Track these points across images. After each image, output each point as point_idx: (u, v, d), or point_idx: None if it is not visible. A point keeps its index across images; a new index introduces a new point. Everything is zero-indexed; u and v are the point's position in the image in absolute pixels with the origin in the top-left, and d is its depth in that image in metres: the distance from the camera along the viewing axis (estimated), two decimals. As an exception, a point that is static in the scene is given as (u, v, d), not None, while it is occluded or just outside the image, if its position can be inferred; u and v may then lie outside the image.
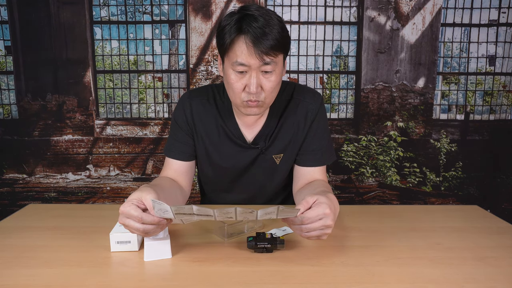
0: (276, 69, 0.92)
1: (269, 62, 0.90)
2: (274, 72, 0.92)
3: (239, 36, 0.89)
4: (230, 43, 0.90)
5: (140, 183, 2.30)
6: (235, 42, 0.90)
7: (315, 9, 2.18)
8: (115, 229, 0.81)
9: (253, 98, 0.92)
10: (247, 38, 0.88)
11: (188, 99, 1.07)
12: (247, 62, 0.89)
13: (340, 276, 0.71)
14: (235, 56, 0.90)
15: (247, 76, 0.91)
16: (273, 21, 0.90)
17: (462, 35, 2.22)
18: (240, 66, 0.90)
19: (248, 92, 0.92)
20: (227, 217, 0.74)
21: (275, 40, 0.88)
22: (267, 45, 0.87)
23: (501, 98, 2.27)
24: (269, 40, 0.87)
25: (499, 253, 0.81)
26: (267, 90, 0.93)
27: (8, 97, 2.21)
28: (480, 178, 2.32)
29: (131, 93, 2.24)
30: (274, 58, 0.90)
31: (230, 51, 0.91)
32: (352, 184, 2.31)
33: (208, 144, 1.07)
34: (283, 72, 1.00)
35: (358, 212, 1.06)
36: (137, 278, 0.70)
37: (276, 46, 0.89)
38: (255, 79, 0.90)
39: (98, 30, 2.17)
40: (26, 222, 0.97)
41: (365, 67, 2.22)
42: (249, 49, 0.88)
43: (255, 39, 0.87)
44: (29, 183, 2.28)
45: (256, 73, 0.90)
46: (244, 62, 0.89)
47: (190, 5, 2.15)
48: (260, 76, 0.91)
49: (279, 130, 1.05)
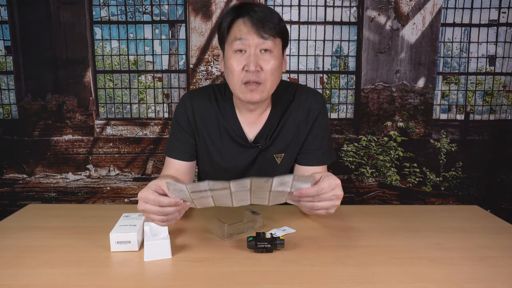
0: (274, 51, 0.95)
1: (267, 38, 0.92)
2: (273, 54, 0.94)
3: (238, 19, 0.94)
4: (229, 26, 0.94)
5: (140, 183, 2.30)
6: (233, 24, 0.94)
7: (315, 9, 2.19)
8: (115, 229, 0.81)
9: (253, 78, 0.93)
10: (246, 19, 0.92)
11: (189, 99, 1.07)
12: (246, 37, 0.92)
13: (340, 276, 0.71)
14: (234, 35, 0.94)
15: (246, 55, 0.93)
16: (272, 11, 0.95)
17: (462, 35, 2.22)
18: (238, 42, 0.93)
19: (247, 71, 0.93)
20: (242, 187, 0.74)
21: (273, 23, 0.92)
22: (265, 24, 0.91)
23: (501, 98, 2.27)
24: (267, 21, 0.92)
25: (499, 253, 0.81)
26: (266, 71, 0.94)
27: (8, 97, 2.21)
28: (480, 178, 2.32)
29: (131, 93, 2.24)
30: (272, 37, 0.93)
31: (229, 34, 0.95)
32: (352, 184, 2.31)
33: (210, 143, 1.07)
34: (283, 66, 1.01)
35: (358, 212, 1.06)
36: (137, 278, 0.70)
37: (274, 27, 0.92)
38: (253, 56, 0.92)
39: (98, 30, 2.17)
40: (26, 222, 0.97)
41: (365, 67, 2.22)
42: (247, 27, 0.92)
43: (254, 19, 0.91)
44: (29, 183, 2.28)
45: (254, 51, 0.93)
46: (242, 37, 0.92)
47: (190, 5, 2.15)
48: (258, 55, 0.94)
49: (281, 129, 1.06)
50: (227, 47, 0.97)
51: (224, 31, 0.96)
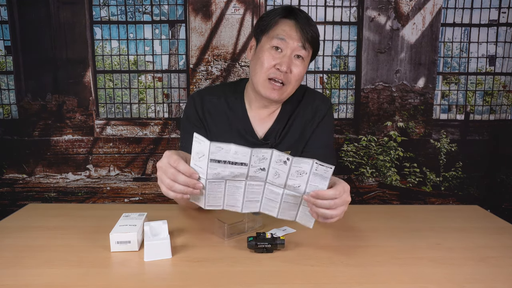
0: (306, 59, 1.00)
1: (306, 48, 0.97)
2: (303, 62, 0.99)
3: (285, 19, 0.98)
4: (275, 22, 0.98)
5: (140, 183, 2.30)
6: (279, 22, 0.98)
7: (315, 9, 2.18)
8: (115, 229, 0.81)
9: (281, 77, 0.97)
10: (293, 21, 0.97)
11: (198, 95, 1.09)
12: (288, 39, 0.96)
13: (340, 276, 0.70)
14: (277, 32, 0.97)
15: (281, 55, 0.97)
16: (315, 24, 1.01)
17: (462, 35, 2.22)
18: (279, 40, 0.96)
19: (278, 70, 0.97)
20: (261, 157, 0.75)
21: (315, 32, 0.98)
22: (309, 31, 0.96)
23: (501, 98, 2.27)
24: (311, 30, 0.97)
25: (500, 253, 0.81)
26: (294, 74, 0.98)
27: (8, 97, 2.21)
28: (480, 178, 2.31)
29: (131, 93, 2.24)
30: (309, 47, 0.98)
31: (272, 29, 0.98)
32: (352, 184, 2.31)
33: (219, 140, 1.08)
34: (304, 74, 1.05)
35: (358, 212, 1.06)
36: (137, 278, 0.70)
37: (314, 38, 0.98)
38: (288, 58, 0.97)
39: (98, 30, 2.17)
40: (26, 222, 0.97)
41: (365, 67, 2.22)
42: (292, 29, 0.96)
43: (300, 23, 0.96)
44: (29, 183, 2.28)
45: (290, 53, 0.97)
46: (285, 38, 0.96)
47: (190, 5, 2.15)
48: (292, 58, 0.98)
49: (290, 127, 1.09)
50: (264, 40, 0.99)
51: (268, 24, 0.99)
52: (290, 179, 0.77)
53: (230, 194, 0.80)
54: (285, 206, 0.81)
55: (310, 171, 0.76)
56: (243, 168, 0.76)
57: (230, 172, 0.76)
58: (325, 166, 0.76)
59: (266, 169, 0.77)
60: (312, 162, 0.75)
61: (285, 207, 0.81)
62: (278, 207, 0.82)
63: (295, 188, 0.78)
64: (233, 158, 0.74)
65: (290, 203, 0.81)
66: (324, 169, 0.76)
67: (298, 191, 0.79)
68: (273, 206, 0.81)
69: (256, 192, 0.80)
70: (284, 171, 0.76)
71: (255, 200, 0.81)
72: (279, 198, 0.80)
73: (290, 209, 0.82)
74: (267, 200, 0.81)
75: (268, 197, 0.80)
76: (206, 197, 0.79)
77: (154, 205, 1.46)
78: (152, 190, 2.31)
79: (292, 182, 0.77)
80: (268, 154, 0.75)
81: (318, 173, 0.76)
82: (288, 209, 0.82)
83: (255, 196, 0.80)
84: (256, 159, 0.75)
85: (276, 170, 0.77)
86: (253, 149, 0.74)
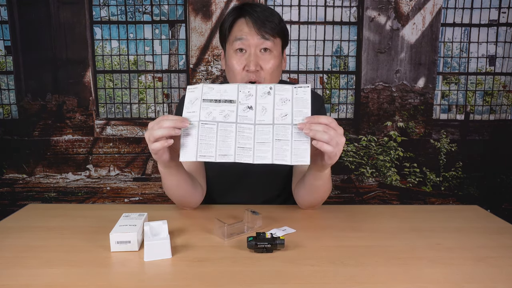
0: (274, 51, 0.97)
1: (268, 38, 0.95)
2: (273, 54, 0.97)
3: (239, 19, 0.96)
4: (231, 26, 0.97)
5: (140, 183, 2.30)
6: (235, 24, 0.97)
7: (315, 9, 2.18)
8: (115, 229, 0.81)
9: (253, 78, 0.96)
10: (247, 19, 0.95)
11: None
12: (246, 37, 0.94)
13: (340, 276, 0.70)
14: (235, 35, 0.96)
15: (246, 55, 0.95)
16: (273, 11, 0.98)
17: (462, 35, 2.22)
18: (239, 42, 0.95)
19: (247, 71, 0.95)
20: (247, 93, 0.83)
21: (273, 22, 0.95)
22: (266, 24, 0.94)
23: (501, 98, 2.27)
24: (268, 21, 0.94)
25: (499, 253, 0.81)
26: (266, 70, 0.96)
27: (8, 97, 2.21)
28: (480, 178, 2.31)
29: (131, 93, 2.24)
30: (272, 37, 0.95)
31: (230, 33, 0.97)
32: (352, 184, 2.31)
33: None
34: (283, 64, 1.02)
35: (358, 212, 1.06)
36: (137, 278, 0.70)
37: (274, 27, 0.95)
38: (253, 56, 0.95)
39: (98, 30, 2.17)
40: (26, 222, 0.97)
41: (365, 67, 2.22)
42: (249, 26, 0.94)
43: (255, 19, 0.94)
44: (29, 183, 2.28)
45: (254, 51, 0.95)
46: (243, 37, 0.94)
47: (190, 5, 2.15)
48: (258, 54, 0.96)
49: None
50: (228, 47, 0.98)
51: (225, 31, 0.98)
52: (276, 109, 0.82)
53: (222, 140, 0.82)
54: (277, 145, 0.82)
55: (292, 97, 0.82)
56: (232, 105, 0.82)
57: (220, 111, 0.82)
58: (302, 87, 0.83)
59: (254, 107, 0.82)
60: (292, 88, 0.83)
61: (278, 147, 0.82)
62: (271, 149, 0.82)
63: (283, 119, 0.82)
64: (223, 96, 0.83)
65: (282, 141, 0.82)
66: (302, 90, 0.82)
67: (286, 121, 0.82)
68: (266, 150, 0.82)
69: (248, 137, 0.82)
70: (269, 103, 0.82)
71: (247, 147, 0.82)
72: (270, 136, 0.82)
73: (283, 148, 0.82)
74: (259, 145, 0.82)
75: (260, 140, 0.82)
76: (198, 145, 0.82)
77: (154, 205, 1.46)
78: (152, 190, 2.31)
79: (279, 112, 0.82)
80: (253, 89, 0.83)
81: (299, 96, 0.82)
82: (281, 149, 0.82)
83: (246, 142, 0.82)
84: (243, 96, 0.82)
85: (262, 105, 0.83)
86: (239, 84, 0.84)
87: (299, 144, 0.82)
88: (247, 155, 0.82)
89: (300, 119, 0.82)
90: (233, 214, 0.98)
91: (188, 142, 0.83)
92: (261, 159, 0.82)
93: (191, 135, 0.82)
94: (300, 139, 0.81)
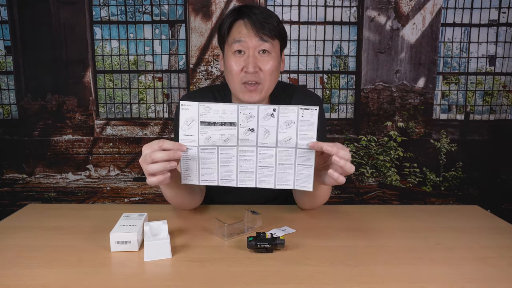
0: (273, 52, 0.97)
1: (266, 40, 0.95)
2: (271, 56, 0.97)
3: (238, 20, 0.96)
4: (229, 28, 0.97)
5: (140, 183, 2.30)
6: (233, 26, 0.97)
7: (315, 9, 2.18)
8: (115, 229, 0.81)
9: (252, 79, 0.95)
10: (246, 21, 0.95)
11: (187, 98, 1.08)
12: (245, 39, 0.94)
13: (340, 276, 0.71)
14: (234, 36, 0.96)
15: (245, 57, 0.96)
16: (271, 13, 0.98)
17: (462, 35, 2.22)
18: (238, 44, 0.95)
19: (246, 72, 0.95)
20: (248, 115, 0.78)
21: (272, 24, 0.95)
22: (264, 26, 0.94)
23: (501, 98, 2.27)
24: (267, 23, 0.94)
25: (499, 253, 0.81)
26: (265, 71, 0.96)
27: (8, 97, 2.21)
28: (480, 178, 2.31)
29: (131, 93, 2.24)
30: (271, 39, 0.95)
31: (229, 35, 0.97)
32: (352, 184, 2.31)
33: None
34: (281, 66, 1.03)
35: (358, 212, 1.06)
36: (137, 278, 0.70)
37: (273, 29, 0.95)
38: (252, 58, 0.95)
39: (98, 30, 2.17)
40: (26, 222, 0.97)
41: (365, 67, 2.22)
42: (247, 28, 0.94)
43: (253, 21, 0.94)
44: (29, 183, 2.28)
45: (253, 52, 0.95)
46: (242, 39, 0.94)
47: (190, 5, 2.15)
48: (257, 56, 0.96)
49: None
50: (226, 48, 0.98)
51: (224, 32, 0.98)
52: (280, 132, 0.79)
53: (224, 164, 0.81)
54: (280, 170, 0.81)
55: (297, 119, 0.77)
56: (232, 129, 0.78)
57: (220, 135, 0.79)
58: (310, 109, 0.77)
59: (256, 129, 0.79)
60: (297, 109, 0.77)
61: (281, 172, 0.81)
62: (274, 174, 0.82)
63: (287, 142, 0.79)
64: (222, 118, 0.78)
65: (285, 165, 0.81)
66: (309, 113, 0.77)
67: (290, 144, 0.79)
68: (269, 175, 0.81)
69: (249, 160, 0.81)
70: (273, 125, 0.78)
71: (249, 171, 0.81)
72: (273, 161, 0.81)
73: (286, 172, 0.81)
74: (261, 169, 0.81)
75: (262, 164, 0.81)
76: (199, 170, 0.81)
77: (154, 205, 1.46)
78: (152, 190, 2.31)
79: (283, 136, 0.79)
80: (255, 110, 0.78)
81: (305, 118, 0.77)
82: (284, 174, 0.81)
83: (249, 166, 0.81)
84: (243, 117, 0.78)
85: (265, 128, 0.79)
86: (240, 105, 0.78)
87: (303, 169, 0.81)
88: (249, 179, 0.82)
89: (305, 144, 0.79)
90: (233, 214, 0.98)
91: (190, 165, 0.82)
92: (264, 184, 0.82)
93: (191, 159, 0.82)
94: (303, 163, 0.80)
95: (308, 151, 0.80)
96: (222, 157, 0.80)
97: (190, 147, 0.81)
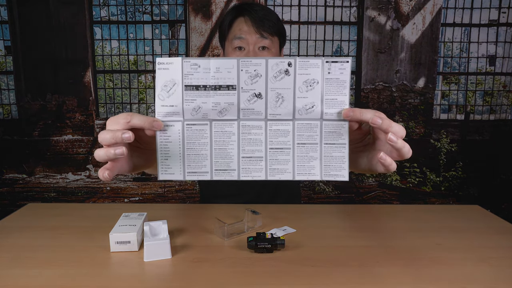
0: (272, 49, 0.99)
1: (266, 37, 0.97)
2: (271, 52, 0.99)
3: (238, 18, 0.99)
4: (230, 25, 0.99)
5: (140, 183, 2.30)
6: (234, 23, 0.99)
7: (315, 9, 2.18)
8: (115, 229, 0.81)
9: None
10: (246, 17, 0.97)
11: None
12: (245, 36, 0.96)
13: (340, 276, 0.70)
14: (234, 33, 0.98)
15: (245, 53, 0.98)
16: (271, 11, 1.00)
17: (462, 35, 2.22)
18: (238, 40, 0.97)
19: None
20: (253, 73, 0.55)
21: (271, 21, 0.97)
22: (264, 22, 0.96)
23: (501, 98, 2.27)
24: (267, 20, 0.96)
25: (500, 253, 0.80)
26: None
27: (8, 97, 2.21)
28: (480, 178, 2.31)
29: (131, 93, 2.24)
30: (270, 36, 0.97)
31: (229, 32, 0.99)
32: (352, 184, 2.31)
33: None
34: None
35: (358, 212, 1.06)
36: (137, 278, 0.70)
37: (272, 26, 0.97)
38: (252, 54, 0.97)
39: (98, 30, 2.17)
40: (25, 222, 0.97)
41: (365, 67, 2.22)
42: (248, 25, 0.96)
43: (253, 18, 0.96)
44: (29, 183, 2.28)
45: (253, 48, 0.97)
46: (242, 35, 0.96)
47: (190, 5, 2.15)
48: (257, 52, 0.98)
49: None
50: (227, 45, 1.00)
51: (224, 29, 1.00)
52: (298, 98, 0.55)
53: (220, 146, 0.57)
54: (301, 152, 0.57)
55: (322, 77, 0.54)
56: (231, 94, 0.55)
57: (214, 105, 0.55)
58: (339, 62, 0.54)
59: (264, 94, 0.55)
60: (322, 62, 0.54)
61: (302, 155, 0.57)
62: (292, 159, 0.57)
63: (308, 112, 0.55)
64: (216, 79, 0.54)
65: (307, 145, 0.56)
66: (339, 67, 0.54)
67: (314, 115, 0.55)
68: (285, 160, 0.57)
69: (256, 141, 0.56)
70: (289, 87, 0.54)
71: (256, 156, 0.57)
72: (289, 140, 0.56)
73: (309, 156, 0.57)
74: (274, 153, 0.57)
75: (275, 145, 0.56)
76: (184, 157, 0.57)
77: (154, 205, 1.46)
78: (152, 190, 2.30)
79: (302, 102, 0.55)
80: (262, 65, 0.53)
81: (333, 76, 0.54)
82: (306, 158, 0.57)
83: (255, 149, 0.57)
84: (246, 77, 0.54)
85: (277, 92, 0.54)
86: (241, 59, 0.54)
87: (332, 150, 0.56)
88: (256, 169, 0.58)
89: (334, 113, 0.55)
90: (233, 214, 0.98)
91: (169, 151, 0.56)
92: (278, 174, 0.57)
93: (172, 142, 0.56)
94: (333, 141, 0.56)
95: (339, 124, 0.55)
96: (217, 137, 0.56)
97: (171, 123, 0.55)
